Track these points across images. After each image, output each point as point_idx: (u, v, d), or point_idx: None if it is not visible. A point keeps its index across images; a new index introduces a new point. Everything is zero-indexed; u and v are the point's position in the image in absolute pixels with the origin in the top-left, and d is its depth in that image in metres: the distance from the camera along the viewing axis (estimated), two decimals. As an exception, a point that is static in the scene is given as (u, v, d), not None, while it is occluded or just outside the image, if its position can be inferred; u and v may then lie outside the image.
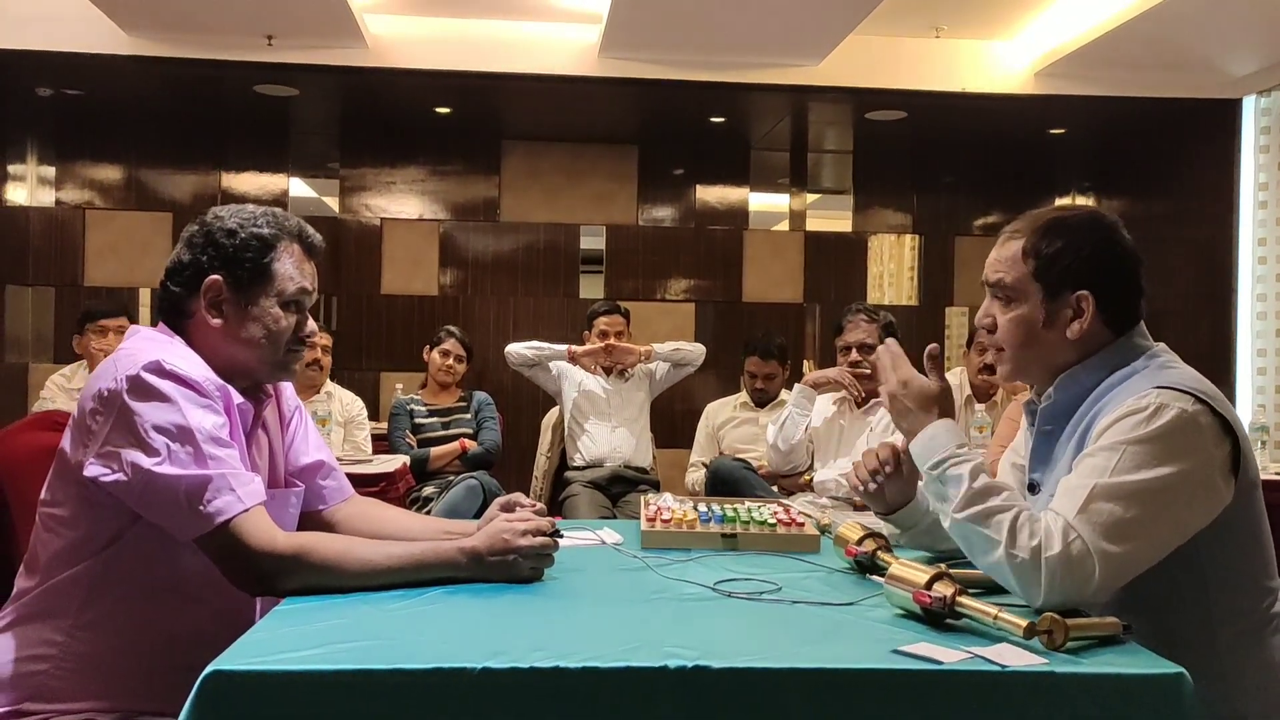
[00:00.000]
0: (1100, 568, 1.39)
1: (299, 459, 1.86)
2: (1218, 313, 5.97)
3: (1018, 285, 1.63)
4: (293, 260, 1.70)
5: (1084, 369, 1.62)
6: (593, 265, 7.07)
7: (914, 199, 7.34)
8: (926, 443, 1.59)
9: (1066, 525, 1.41)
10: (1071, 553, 1.38)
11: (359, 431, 4.84)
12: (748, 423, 4.73)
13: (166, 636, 1.58)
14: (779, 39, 5.31)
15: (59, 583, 1.57)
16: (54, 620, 1.56)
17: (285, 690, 1.16)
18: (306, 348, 1.76)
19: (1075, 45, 5.38)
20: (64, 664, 1.55)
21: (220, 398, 1.59)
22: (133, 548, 1.56)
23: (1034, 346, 1.63)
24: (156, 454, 1.49)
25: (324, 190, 7.04)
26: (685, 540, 1.92)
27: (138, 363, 1.53)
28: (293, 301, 1.70)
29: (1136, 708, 1.19)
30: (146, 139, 6.75)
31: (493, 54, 5.62)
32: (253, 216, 1.69)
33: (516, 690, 1.17)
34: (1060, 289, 1.60)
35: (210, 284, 1.65)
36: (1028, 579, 1.40)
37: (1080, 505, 1.42)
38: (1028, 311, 1.63)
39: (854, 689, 1.19)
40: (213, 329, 1.65)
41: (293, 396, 1.91)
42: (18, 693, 1.54)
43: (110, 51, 5.36)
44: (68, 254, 6.73)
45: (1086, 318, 1.59)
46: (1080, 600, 1.40)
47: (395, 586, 1.52)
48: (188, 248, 1.68)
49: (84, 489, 1.54)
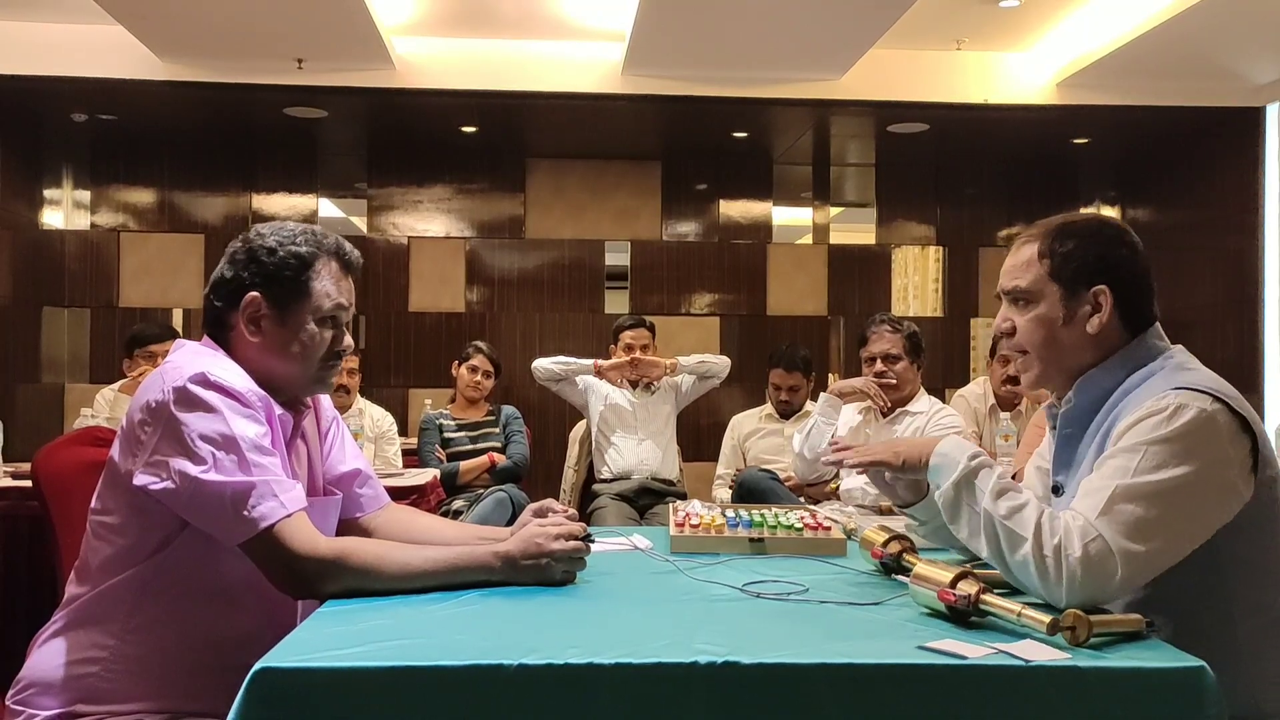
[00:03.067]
0: (1122, 567, 1.41)
1: (337, 468, 1.90)
2: (1245, 321, 5.94)
3: (1035, 286, 1.66)
4: (330, 277, 1.74)
5: (1102, 371, 1.64)
6: (618, 280, 7.13)
7: (937, 211, 7.35)
8: (948, 452, 1.61)
9: (1086, 525, 1.43)
10: (1091, 553, 1.41)
11: (389, 446, 4.90)
12: (773, 434, 4.76)
13: (212, 639, 1.62)
14: (800, 54, 5.35)
15: (109, 588, 1.62)
16: (104, 624, 1.61)
17: (330, 686, 1.20)
18: (343, 362, 1.81)
19: (1097, 55, 5.39)
20: (114, 666, 1.60)
21: (263, 408, 1.64)
22: (180, 553, 1.61)
23: (1055, 345, 1.66)
24: (203, 462, 1.54)
25: (352, 210, 7.14)
26: (713, 545, 1.95)
27: (184, 375, 1.58)
28: (329, 318, 1.74)
29: (1159, 701, 1.21)
30: (179, 162, 6.88)
31: (517, 73, 5.70)
32: (292, 235, 1.74)
33: (551, 686, 1.20)
34: (1077, 285, 1.63)
35: (249, 300, 1.70)
36: (1050, 579, 1.42)
37: (1102, 506, 1.44)
38: (1047, 310, 1.65)
39: (880, 683, 1.22)
40: (251, 344, 1.70)
41: (330, 408, 1.95)
42: (70, 695, 1.59)
43: (144, 77, 5.49)
44: (103, 276, 6.86)
45: (1105, 311, 1.62)
46: (1103, 599, 1.42)
47: (432, 589, 1.56)
48: (230, 263, 1.73)
49: (133, 497, 1.59)
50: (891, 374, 3.64)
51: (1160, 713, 1.21)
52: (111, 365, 6.23)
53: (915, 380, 3.71)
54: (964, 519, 1.55)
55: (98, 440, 2.31)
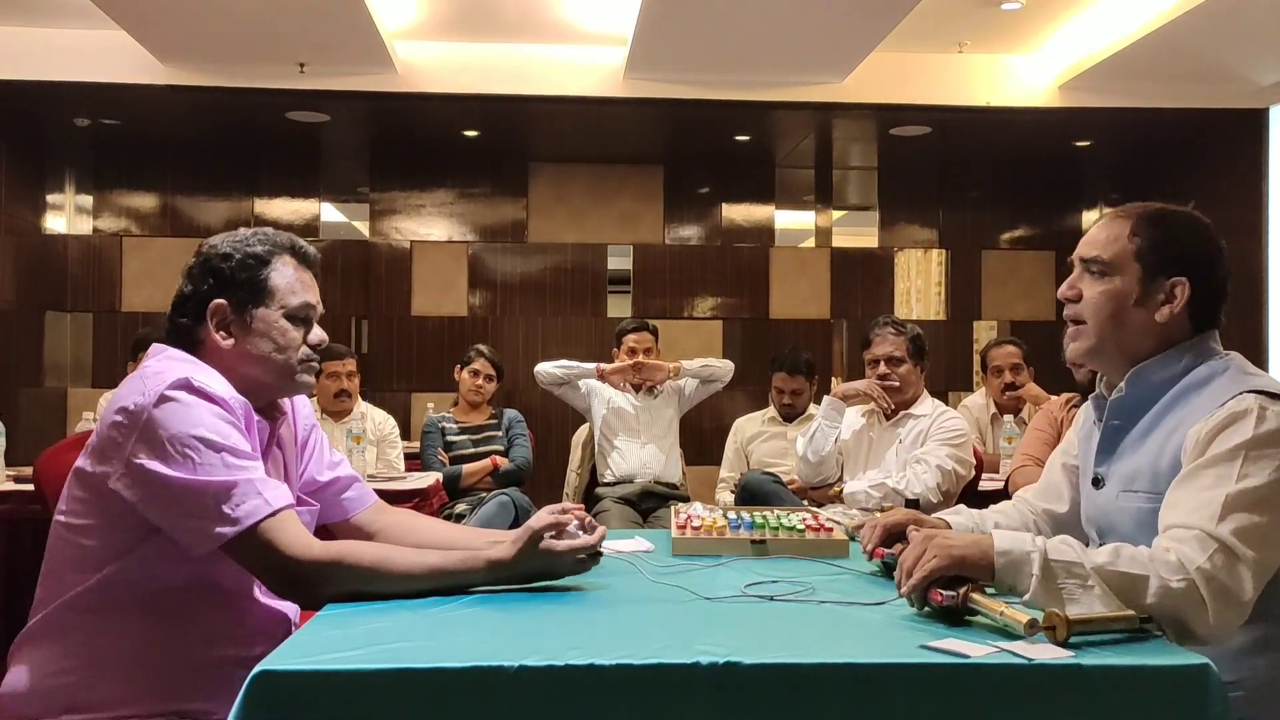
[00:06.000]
0: (1252, 574, 1.41)
1: (317, 477, 1.89)
2: (1249, 323, 5.92)
3: (1117, 260, 1.66)
4: (291, 272, 1.74)
5: (1159, 363, 1.64)
6: (620, 285, 7.13)
7: (940, 214, 7.35)
8: (1010, 548, 1.46)
9: (1202, 536, 1.42)
10: (1215, 560, 1.40)
11: (391, 450, 4.90)
12: (776, 437, 4.76)
13: (185, 639, 1.60)
14: (803, 57, 5.35)
15: (76, 596, 1.59)
16: (75, 633, 1.58)
17: (331, 688, 1.19)
18: (319, 357, 1.78)
19: (1099, 58, 5.38)
20: (91, 674, 1.57)
21: (243, 415, 1.62)
22: (145, 557, 1.58)
23: (1120, 323, 1.65)
24: (183, 465, 1.52)
25: (354, 214, 7.15)
26: (715, 547, 1.95)
27: (165, 380, 1.57)
28: (297, 313, 1.73)
29: (1161, 699, 1.21)
30: (181, 167, 6.89)
31: (519, 77, 5.70)
32: (245, 238, 1.74)
33: (552, 687, 1.20)
34: (1159, 271, 1.63)
35: (215, 308, 1.69)
36: (1191, 602, 1.38)
37: (1218, 515, 1.43)
38: (1122, 286, 1.65)
39: (883, 683, 1.21)
40: (225, 350, 1.69)
41: (309, 415, 1.92)
42: (52, 705, 1.56)
43: (147, 81, 5.50)
44: (105, 281, 6.87)
45: (1179, 303, 1.62)
46: (1242, 609, 1.40)
47: (433, 593, 1.55)
48: (188, 279, 1.73)
49: (105, 501, 1.57)
50: (894, 376, 3.63)
51: (1163, 711, 1.21)
52: (114, 369, 6.25)
53: (918, 383, 3.71)
54: (1077, 597, 1.42)
55: (99, 444, 2.31)
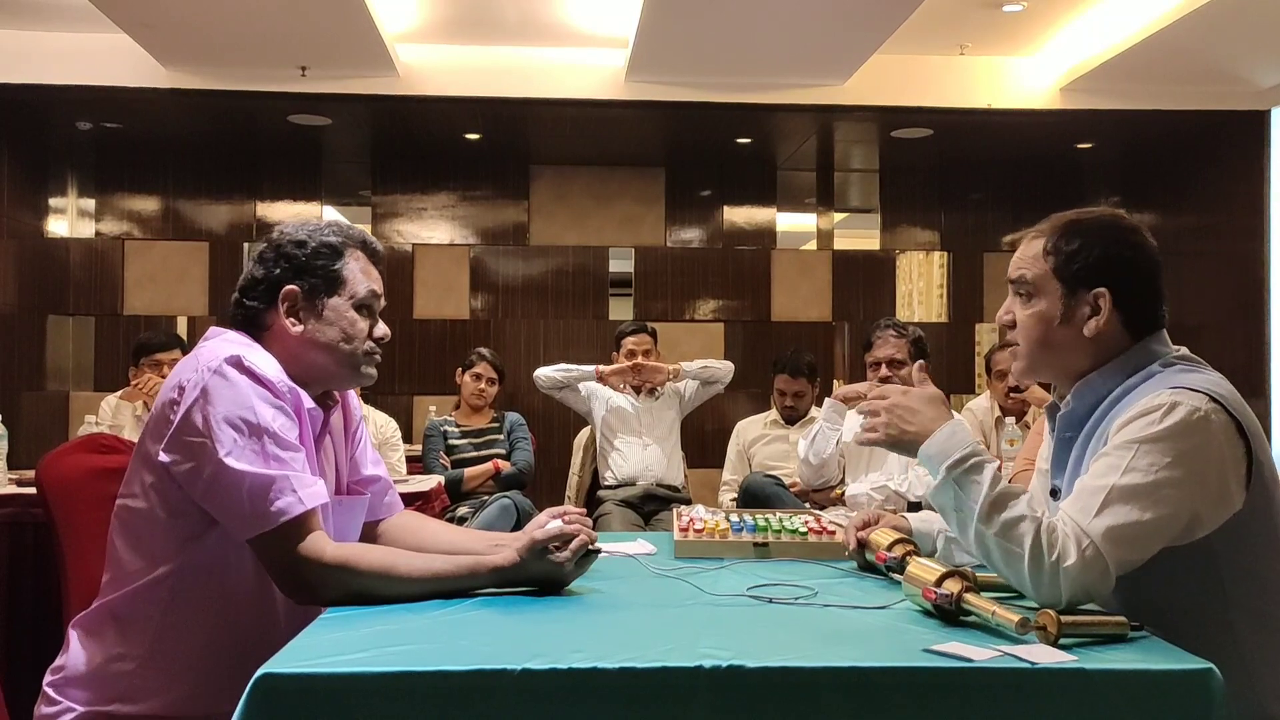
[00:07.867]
0: (1114, 568, 1.42)
1: (362, 470, 1.92)
2: (1251, 326, 5.92)
3: (1038, 281, 1.64)
4: (360, 265, 1.78)
5: (1100, 376, 1.62)
6: (622, 287, 7.12)
7: (941, 216, 7.34)
8: (948, 437, 1.54)
9: (1079, 532, 1.43)
10: (1087, 557, 1.41)
11: (393, 453, 4.90)
12: (778, 440, 4.75)
13: (246, 640, 1.60)
14: (804, 59, 5.35)
15: (143, 586, 1.61)
16: (139, 623, 1.61)
17: (333, 691, 1.19)
18: (380, 350, 1.81)
19: (1101, 59, 5.38)
20: (149, 665, 1.59)
21: (291, 400, 1.64)
22: (212, 552, 1.61)
23: (1050, 344, 1.64)
24: (225, 445, 1.54)
25: (356, 217, 7.14)
26: (718, 550, 1.95)
27: (218, 357, 1.60)
28: (364, 305, 1.77)
29: (1166, 704, 1.21)
30: (183, 170, 6.88)
31: (521, 80, 5.70)
32: (319, 228, 1.78)
33: (556, 690, 1.20)
34: (1078, 286, 1.61)
35: (287, 293, 1.72)
36: (1050, 589, 1.42)
37: (1097, 508, 1.44)
38: (1046, 308, 1.63)
39: (886, 687, 1.21)
40: (292, 336, 1.72)
41: (359, 408, 1.97)
42: (105, 692, 1.59)
43: (149, 85, 5.50)
44: (107, 284, 6.86)
45: (1103, 316, 1.59)
46: (1097, 599, 1.45)
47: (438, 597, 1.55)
48: (260, 264, 1.76)
49: (159, 480, 1.59)
50: (896, 379, 3.63)
51: (1167, 715, 1.21)
52: (116, 373, 6.24)
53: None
54: (954, 521, 1.52)
55: (102, 447, 2.32)
